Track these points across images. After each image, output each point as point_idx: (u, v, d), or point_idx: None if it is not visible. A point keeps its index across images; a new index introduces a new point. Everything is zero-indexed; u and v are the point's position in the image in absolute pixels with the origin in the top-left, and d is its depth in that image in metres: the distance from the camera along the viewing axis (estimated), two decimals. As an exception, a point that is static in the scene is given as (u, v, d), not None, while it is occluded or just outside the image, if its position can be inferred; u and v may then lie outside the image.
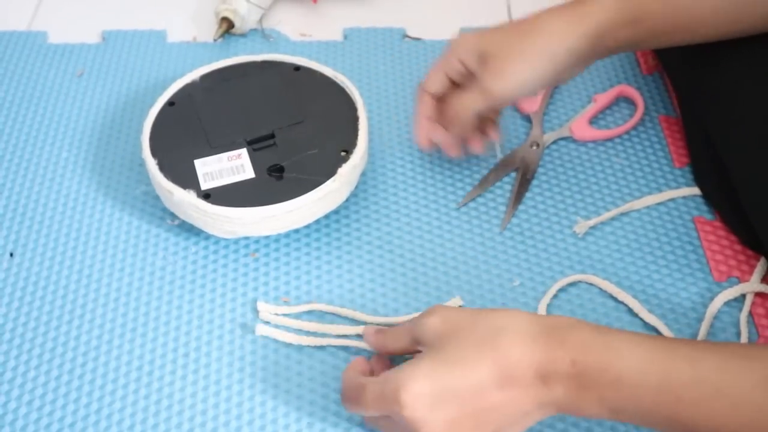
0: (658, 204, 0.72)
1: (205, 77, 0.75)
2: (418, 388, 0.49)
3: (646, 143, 0.76)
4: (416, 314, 0.62)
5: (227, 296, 0.66)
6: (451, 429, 0.50)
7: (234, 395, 0.61)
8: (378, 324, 0.64)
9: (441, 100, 0.69)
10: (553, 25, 0.63)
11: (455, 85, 0.68)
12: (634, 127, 0.78)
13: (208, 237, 0.70)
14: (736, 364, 0.47)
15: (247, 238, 0.70)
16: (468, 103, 0.66)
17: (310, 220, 0.68)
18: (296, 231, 0.70)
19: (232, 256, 0.69)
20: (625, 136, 0.77)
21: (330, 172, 0.67)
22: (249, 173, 0.68)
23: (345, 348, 0.63)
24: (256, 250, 0.69)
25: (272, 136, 0.70)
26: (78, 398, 0.61)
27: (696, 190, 0.72)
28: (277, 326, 0.64)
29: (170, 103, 0.73)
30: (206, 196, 0.66)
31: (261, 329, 0.63)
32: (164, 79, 0.83)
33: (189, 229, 0.70)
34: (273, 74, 0.75)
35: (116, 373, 0.62)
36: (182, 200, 0.66)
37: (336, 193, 0.68)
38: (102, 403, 0.60)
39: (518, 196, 0.72)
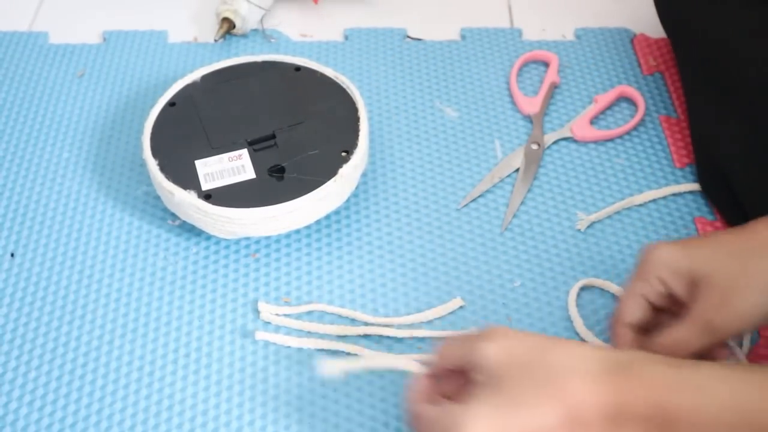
0: (660, 204, 0.72)
1: (205, 78, 0.75)
2: (479, 430, 0.45)
3: (647, 143, 0.76)
4: (472, 331, 0.57)
5: (228, 297, 0.66)
6: None
7: (235, 395, 0.60)
8: (379, 325, 0.64)
9: (643, 329, 0.58)
10: None
11: (656, 308, 0.57)
12: (635, 128, 0.78)
13: (208, 237, 0.70)
14: None
15: (247, 238, 0.69)
16: (686, 342, 0.53)
17: (311, 220, 0.68)
18: (297, 231, 0.70)
19: (233, 256, 0.69)
20: (626, 137, 0.77)
21: (331, 173, 0.67)
22: (250, 174, 0.68)
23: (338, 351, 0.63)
24: (257, 251, 0.69)
25: (273, 136, 0.70)
26: (78, 398, 0.60)
27: (697, 187, 0.72)
28: (277, 328, 0.64)
29: (171, 104, 0.73)
30: (207, 196, 0.66)
31: (260, 335, 0.63)
32: (165, 79, 0.83)
33: (190, 230, 0.70)
34: (274, 75, 0.75)
35: (117, 374, 0.62)
36: (183, 201, 0.66)
37: (336, 194, 0.68)
38: (103, 404, 0.60)
39: (519, 196, 0.72)
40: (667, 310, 0.57)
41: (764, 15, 0.67)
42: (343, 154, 0.69)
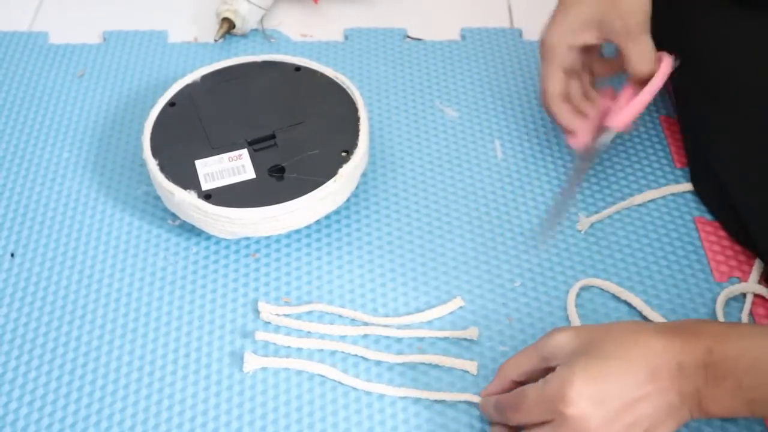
0: (660, 204, 0.71)
1: (206, 78, 0.75)
2: (582, 384, 0.50)
3: (647, 143, 0.76)
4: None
5: (228, 297, 0.66)
6: (612, 424, 0.51)
7: (235, 395, 0.60)
8: (379, 325, 0.64)
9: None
10: None
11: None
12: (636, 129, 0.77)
13: (208, 237, 0.70)
14: None
15: (248, 238, 0.69)
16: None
17: (311, 220, 0.68)
18: (297, 231, 0.70)
19: (233, 256, 0.68)
20: (626, 136, 0.77)
21: (331, 173, 0.67)
22: (250, 174, 0.68)
23: (335, 352, 0.63)
24: (257, 251, 0.69)
25: (273, 136, 0.70)
26: (78, 398, 0.60)
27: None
28: (277, 328, 0.64)
29: (171, 104, 0.73)
30: (207, 196, 0.66)
31: (260, 335, 0.63)
32: (165, 79, 0.83)
33: (190, 230, 0.70)
34: (274, 75, 0.75)
35: (117, 374, 0.62)
36: (183, 201, 0.66)
37: (337, 194, 0.68)
38: (102, 404, 0.60)
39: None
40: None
41: (751, 21, 0.68)
42: (343, 154, 0.68)
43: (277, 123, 0.71)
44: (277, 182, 0.67)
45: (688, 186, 0.72)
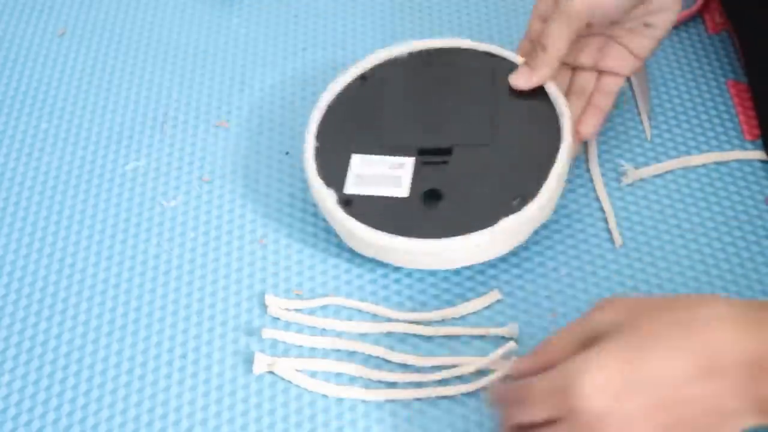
0: (724, 174, 0.70)
1: (414, 55, 0.70)
2: (603, 376, 0.46)
3: (712, 112, 0.75)
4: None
5: (231, 289, 0.66)
6: (640, 422, 0.46)
7: (239, 402, 0.60)
8: (405, 321, 0.63)
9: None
10: None
11: None
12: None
13: (208, 220, 0.69)
14: None
15: (253, 221, 0.69)
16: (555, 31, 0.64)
17: (445, 267, 0.64)
18: (313, 215, 0.69)
19: (237, 242, 0.68)
20: (689, 104, 0.75)
21: (493, 218, 0.61)
22: (403, 191, 0.64)
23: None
24: (265, 235, 0.68)
25: (449, 151, 0.65)
26: (59, 405, 0.60)
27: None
28: (287, 325, 0.64)
29: (362, 78, 0.69)
30: (347, 202, 0.63)
31: (268, 333, 0.63)
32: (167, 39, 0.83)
33: (186, 212, 0.70)
34: (486, 71, 0.68)
35: (103, 377, 0.61)
36: (320, 200, 0.64)
37: (488, 248, 0.62)
38: (87, 411, 0.60)
39: None
40: None
41: None
42: (515, 201, 0.62)
43: (460, 135, 0.66)
44: (426, 209, 0.63)
45: (758, 154, 0.71)
